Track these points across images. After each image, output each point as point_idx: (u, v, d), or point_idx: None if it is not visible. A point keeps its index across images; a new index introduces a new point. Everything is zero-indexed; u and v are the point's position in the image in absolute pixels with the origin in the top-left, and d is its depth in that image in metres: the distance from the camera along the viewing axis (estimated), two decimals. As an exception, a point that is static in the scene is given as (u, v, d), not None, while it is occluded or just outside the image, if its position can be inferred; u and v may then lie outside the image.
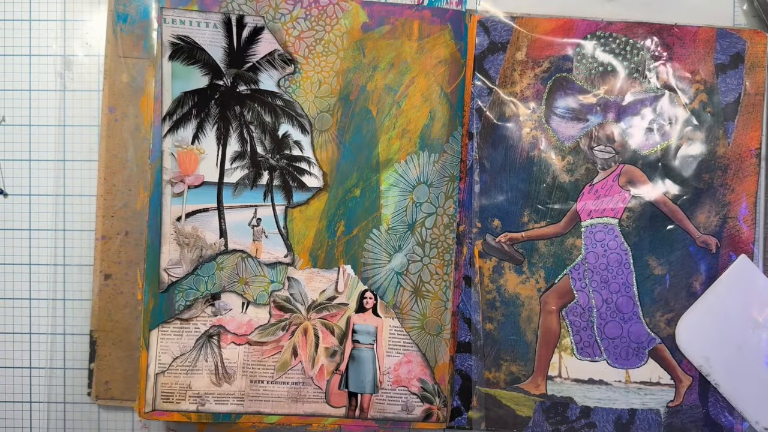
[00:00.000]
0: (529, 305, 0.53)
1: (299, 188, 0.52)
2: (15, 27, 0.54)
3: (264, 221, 0.51)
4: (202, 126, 0.49)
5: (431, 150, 0.53)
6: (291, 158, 0.51)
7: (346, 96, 0.53)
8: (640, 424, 0.53)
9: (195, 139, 0.49)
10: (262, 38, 0.50)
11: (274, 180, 0.51)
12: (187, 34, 0.48)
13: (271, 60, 0.50)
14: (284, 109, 0.51)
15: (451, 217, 0.53)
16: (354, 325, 0.53)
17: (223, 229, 0.50)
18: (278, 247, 0.52)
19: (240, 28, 0.49)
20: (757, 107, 0.53)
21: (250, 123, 0.50)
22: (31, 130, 0.54)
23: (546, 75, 0.53)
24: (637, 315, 0.53)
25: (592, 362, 0.53)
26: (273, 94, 0.51)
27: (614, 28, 0.53)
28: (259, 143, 0.51)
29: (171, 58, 0.48)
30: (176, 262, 0.50)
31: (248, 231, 0.51)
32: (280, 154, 0.51)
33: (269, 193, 0.51)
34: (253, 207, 0.51)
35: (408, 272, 0.53)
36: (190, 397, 0.52)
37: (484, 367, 0.53)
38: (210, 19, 0.48)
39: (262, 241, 0.51)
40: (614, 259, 0.53)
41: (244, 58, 0.50)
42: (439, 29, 0.53)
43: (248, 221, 0.51)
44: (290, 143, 0.51)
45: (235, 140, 0.50)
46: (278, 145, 0.51)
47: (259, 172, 0.51)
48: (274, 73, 0.50)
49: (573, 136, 0.53)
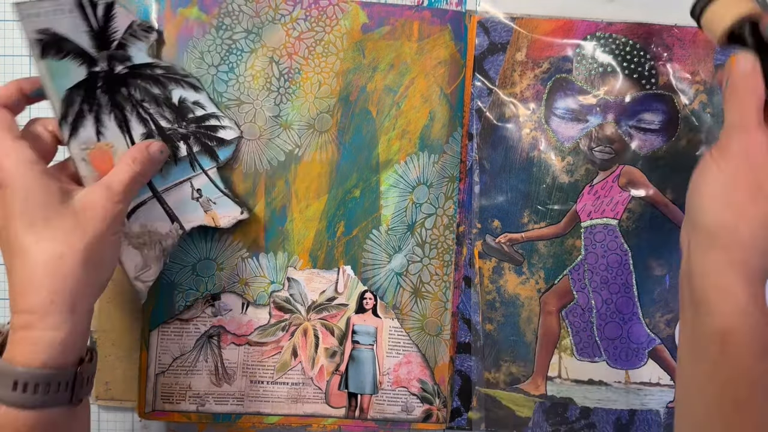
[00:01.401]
0: (528, 306, 0.53)
1: (220, 145, 0.50)
2: (15, 27, 0.54)
3: (204, 190, 0.50)
4: (99, 119, 0.46)
5: (431, 151, 0.53)
6: (197, 120, 0.50)
7: (346, 97, 0.53)
8: (639, 424, 0.53)
9: (98, 135, 0.45)
10: (117, 13, 0.47)
11: (193, 147, 0.49)
12: (47, 26, 0.44)
13: (133, 33, 0.48)
14: (167, 75, 0.49)
15: (450, 217, 0.53)
16: (354, 326, 0.53)
17: (170, 213, 0.49)
18: (230, 209, 0.51)
19: (93, 7, 0.46)
20: (757, 108, 0.53)
21: (141, 101, 0.48)
22: (31, 131, 0.54)
23: (546, 76, 0.53)
24: (637, 316, 0.53)
25: (592, 363, 0.53)
26: (149, 65, 0.49)
27: (614, 29, 0.53)
28: (161, 117, 0.48)
29: (42, 57, 0.44)
30: (142, 266, 0.48)
31: (195, 205, 0.50)
32: (185, 120, 0.49)
33: (194, 161, 0.49)
34: (186, 181, 0.49)
35: (408, 273, 0.53)
36: (190, 397, 0.52)
37: (484, 368, 0.53)
38: (62, 5, 0.45)
39: (212, 209, 0.50)
40: (614, 260, 0.53)
41: (109, 38, 0.47)
42: (438, 30, 0.53)
43: (190, 196, 0.50)
44: (189, 106, 0.49)
45: (136, 123, 0.47)
46: (179, 113, 0.49)
47: (175, 145, 0.49)
48: (141, 45, 0.49)
49: (573, 136, 0.53)
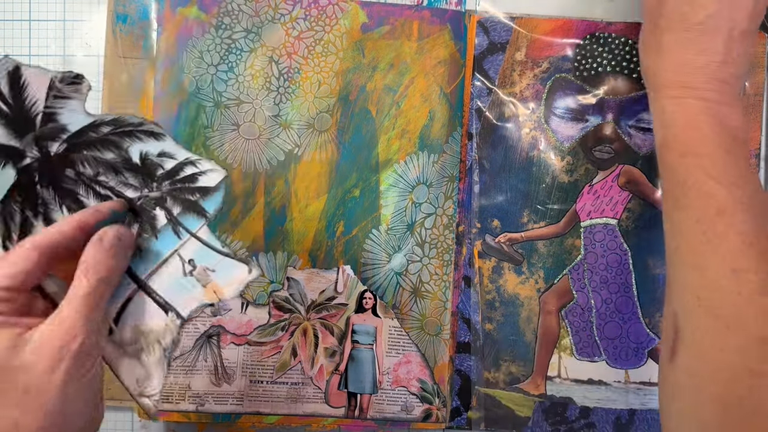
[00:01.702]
0: (528, 305, 0.53)
1: (204, 196, 0.40)
2: (15, 27, 0.54)
3: (198, 258, 0.40)
4: (49, 220, 0.38)
5: (431, 150, 0.53)
6: (169, 175, 0.40)
7: (346, 96, 0.53)
8: (639, 424, 0.53)
9: None
10: (26, 79, 0.38)
11: (172, 210, 0.39)
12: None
13: (59, 93, 0.38)
14: (117, 132, 0.39)
15: (450, 217, 0.53)
16: (353, 326, 0.53)
17: (161, 302, 0.39)
18: (234, 272, 0.40)
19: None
20: (756, 108, 0.53)
21: (96, 177, 0.38)
22: (30, 131, 0.54)
23: (545, 75, 0.53)
24: (637, 315, 0.53)
25: (592, 362, 0.53)
26: (92, 126, 0.39)
27: (614, 29, 0.53)
28: (124, 186, 0.39)
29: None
30: (145, 377, 0.39)
31: (191, 282, 0.40)
32: (155, 180, 0.39)
33: (178, 227, 0.40)
34: (173, 254, 0.40)
35: (407, 272, 0.53)
36: (189, 397, 0.52)
37: (484, 368, 0.53)
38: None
39: (213, 280, 0.40)
40: (614, 260, 0.53)
41: (28, 116, 0.38)
42: (438, 30, 0.53)
43: (182, 272, 0.40)
44: (155, 161, 0.39)
45: (92, 203, 0.39)
46: (145, 173, 0.39)
47: (150, 215, 0.39)
48: (73, 104, 0.39)
49: (572, 136, 0.53)
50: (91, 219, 0.35)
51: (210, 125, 0.52)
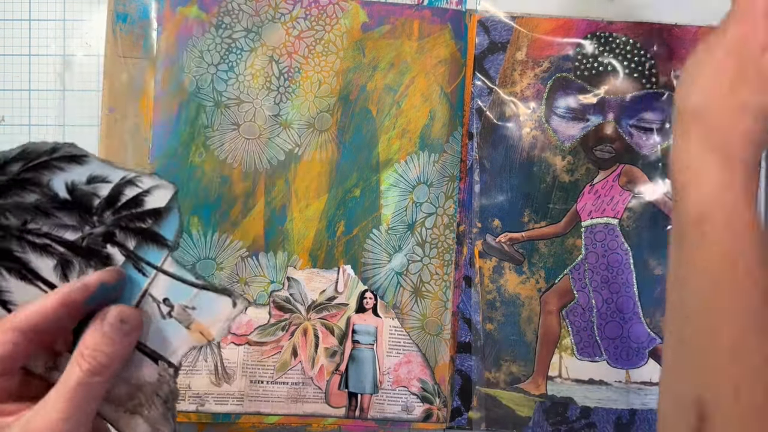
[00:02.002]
0: (529, 305, 0.53)
1: (158, 220, 0.33)
2: (15, 27, 0.54)
3: (172, 295, 0.34)
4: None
5: (431, 150, 0.53)
6: (108, 202, 0.33)
7: (346, 96, 0.53)
8: (640, 424, 0.53)
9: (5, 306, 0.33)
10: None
11: (126, 244, 0.33)
12: None
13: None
14: (31, 166, 0.32)
15: (451, 217, 0.53)
16: (354, 326, 0.53)
17: (148, 352, 0.34)
18: (216, 306, 0.34)
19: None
20: (757, 107, 0.53)
21: (24, 226, 0.32)
22: (30, 130, 0.54)
23: (546, 75, 0.53)
24: (638, 315, 0.53)
25: (593, 362, 0.53)
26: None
27: (615, 28, 0.53)
28: (61, 229, 0.33)
29: None
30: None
31: (172, 324, 0.34)
32: (94, 214, 0.33)
33: (139, 263, 0.33)
34: (144, 296, 0.34)
35: (408, 272, 0.53)
36: (189, 397, 0.52)
37: (484, 368, 0.53)
38: None
39: (195, 319, 0.34)
40: (614, 259, 0.53)
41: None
42: (439, 29, 0.53)
43: (159, 316, 0.34)
44: (86, 189, 0.33)
45: (36, 258, 0.33)
46: (81, 207, 0.33)
47: (102, 255, 0.33)
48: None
49: (573, 136, 0.53)
50: (77, 296, 0.31)
51: (210, 125, 0.52)
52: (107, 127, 0.52)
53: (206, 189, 0.52)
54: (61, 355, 0.32)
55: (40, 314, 0.30)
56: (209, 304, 0.34)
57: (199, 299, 0.34)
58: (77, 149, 0.33)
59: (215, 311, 0.34)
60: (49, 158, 0.33)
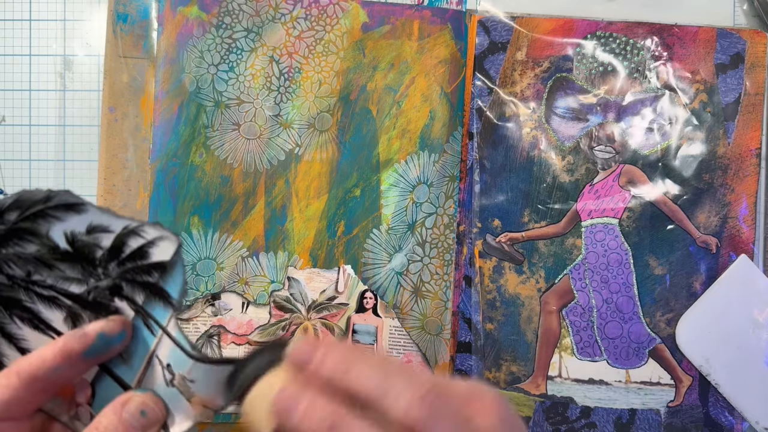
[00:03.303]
0: (529, 305, 0.53)
1: (164, 274, 0.31)
2: (15, 27, 0.54)
3: (174, 362, 0.31)
4: (10, 336, 0.32)
5: (431, 150, 0.53)
6: (112, 254, 0.31)
7: (347, 96, 0.53)
8: (640, 424, 0.53)
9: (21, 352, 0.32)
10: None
11: (134, 297, 0.31)
12: None
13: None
14: (26, 216, 0.31)
15: (451, 217, 0.53)
16: (354, 325, 0.53)
17: None
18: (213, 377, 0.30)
19: None
20: (757, 107, 0.53)
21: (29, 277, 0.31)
22: (31, 130, 0.54)
23: (546, 75, 0.53)
24: (638, 315, 0.53)
25: (593, 362, 0.53)
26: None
27: (614, 28, 0.53)
28: (66, 281, 0.31)
29: None
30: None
31: (175, 394, 0.31)
32: (98, 266, 0.31)
33: (147, 319, 0.31)
34: (152, 356, 0.31)
35: (408, 272, 0.53)
36: (190, 397, 0.52)
37: (485, 367, 0.53)
38: None
39: (194, 392, 0.31)
40: (614, 259, 0.53)
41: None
42: (439, 29, 0.53)
43: (163, 382, 0.31)
44: (87, 240, 0.31)
45: (46, 309, 0.31)
46: (83, 259, 0.31)
47: (110, 310, 0.31)
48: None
49: (573, 136, 0.53)
50: (75, 346, 0.30)
51: (210, 125, 0.52)
52: (107, 127, 0.52)
53: (207, 189, 0.52)
54: (82, 405, 0.32)
55: (38, 362, 0.29)
56: (208, 376, 0.31)
57: (196, 371, 0.31)
58: (73, 197, 0.31)
59: (215, 382, 0.31)
60: (44, 207, 0.31)
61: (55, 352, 0.29)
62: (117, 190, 0.52)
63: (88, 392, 0.32)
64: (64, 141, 0.54)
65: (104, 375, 0.31)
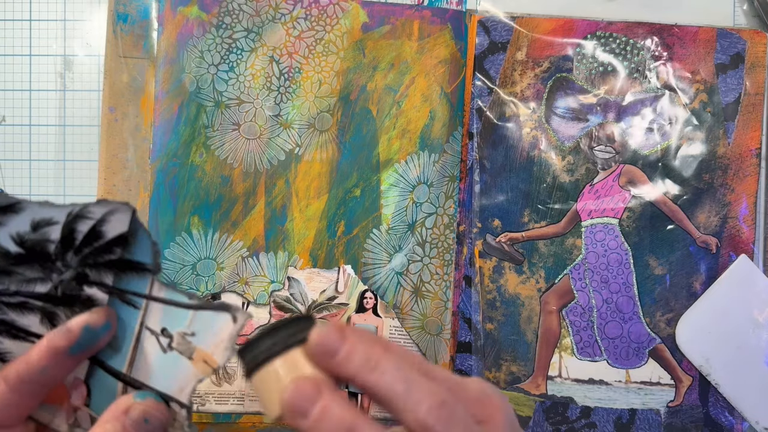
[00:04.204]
0: (529, 305, 0.53)
1: (128, 246, 0.30)
2: (15, 27, 0.54)
3: (169, 324, 0.30)
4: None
5: (431, 150, 0.53)
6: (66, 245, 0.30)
7: (347, 96, 0.53)
8: (640, 423, 0.53)
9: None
10: None
11: (103, 279, 0.30)
12: None
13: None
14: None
15: (451, 217, 0.53)
16: (354, 325, 0.53)
17: (158, 394, 0.31)
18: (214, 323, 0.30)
19: None
20: (757, 107, 0.53)
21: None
22: (31, 130, 0.54)
23: (546, 75, 0.53)
24: (638, 315, 0.53)
25: (593, 362, 0.53)
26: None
27: (614, 28, 0.53)
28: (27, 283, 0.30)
29: None
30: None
31: (174, 358, 0.30)
32: (56, 260, 0.30)
33: (122, 294, 0.30)
34: (142, 330, 0.30)
35: (408, 272, 0.53)
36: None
37: (485, 367, 0.53)
38: None
39: (196, 346, 0.30)
40: (614, 259, 0.53)
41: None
42: (439, 29, 0.53)
43: (160, 350, 0.30)
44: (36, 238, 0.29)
45: (19, 316, 0.30)
46: (38, 257, 0.29)
47: (82, 299, 0.30)
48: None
49: (573, 136, 0.53)
50: (61, 342, 0.29)
51: (210, 125, 0.52)
52: (107, 127, 0.52)
53: (207, 189, 0.52)
54: (80, 409, 0.31)
55: (24, 364, 0.29)
56: (208, 325, 0.30)
57: (197, 322, 0.30)
58: (6, 198, 0.29)
59: (216, 332, 0.30)
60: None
61: (40, 352, 0.29)
62: (117, 190, 0.52)
63: (83, 391, 0.31)
64: (64, 141, 0.54)
65: (96, 369, 0.31)
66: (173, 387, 0.30)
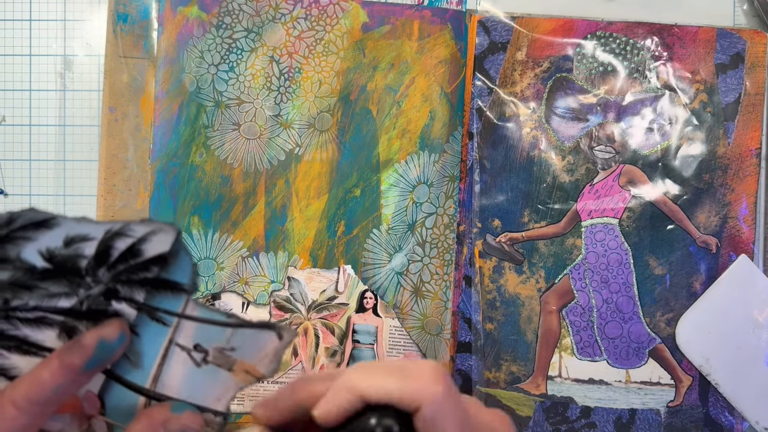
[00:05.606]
0: (529, 305, 0.53)
1: (163, 267, 0.29)
2: (15, 27, 0.54)
3: (204, 340, 0.30)
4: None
5: (431, 150, 0.53)
6: (99, 260, 0.28)
7: (347, 96, 0.53)
8: (640, 423, 0.53)
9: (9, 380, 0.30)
10: None
11: (133, 296, 0.29)
12: None
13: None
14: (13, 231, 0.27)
15: (451, 217, 0.53)
16: (354, 325, 0.53)
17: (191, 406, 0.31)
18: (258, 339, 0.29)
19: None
20: (757, 107, 0.53)
21: (7, 304, 0.28)
22: (31, 130, 0.54)
23: (546, 75, 0.53)
24: (638, 315, 0.53)
25: (593, 362, 0.53)
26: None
27: (614, 28, 0.53)
28: (51, 298, 0.29)
29: None
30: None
31: (212, 371, 0.30)
32: (86, 275, 0.29)
33: (152, 311, 0.30)
34: (171, 346, 0.30)
35: (408, 272, 0.53)
36: (190, 397, 0.52)
37: (485, 367, 0.53)
38: None
39: (237, 358, 0.30)
40: (614, 259, 0.53)
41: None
42: (439, 29, 0.53)
43: (193, 365, 0.30)
44: (68, 254, 0.28)
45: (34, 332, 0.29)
46: (67, 272, 0.28)
47: (107, 313, 0.29)
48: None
49: (573, 136, 0.53)
50: (75, 359, 0.27)
51: (211, 125, 0.52)
52: (107, 127, 0.52)
53: (207, 189, 0.52)
54: (95, 417, 0.31)
55: (35, 385, 0.27)
56: (251, 342, 0.30)
57: (237, 338, 0.30)
58: (40, 213, 0.27)
59: (260, 347, 0.30)
60: (8, 231, 0.27)
61: (52, 370, 0.27)
62: (117, 190, 0.52)
63: (96, 404, 0.31)
64: (64, 141, 0.54)
65: (111, 383, 0.30)
66: (209, 397, 0.30)
